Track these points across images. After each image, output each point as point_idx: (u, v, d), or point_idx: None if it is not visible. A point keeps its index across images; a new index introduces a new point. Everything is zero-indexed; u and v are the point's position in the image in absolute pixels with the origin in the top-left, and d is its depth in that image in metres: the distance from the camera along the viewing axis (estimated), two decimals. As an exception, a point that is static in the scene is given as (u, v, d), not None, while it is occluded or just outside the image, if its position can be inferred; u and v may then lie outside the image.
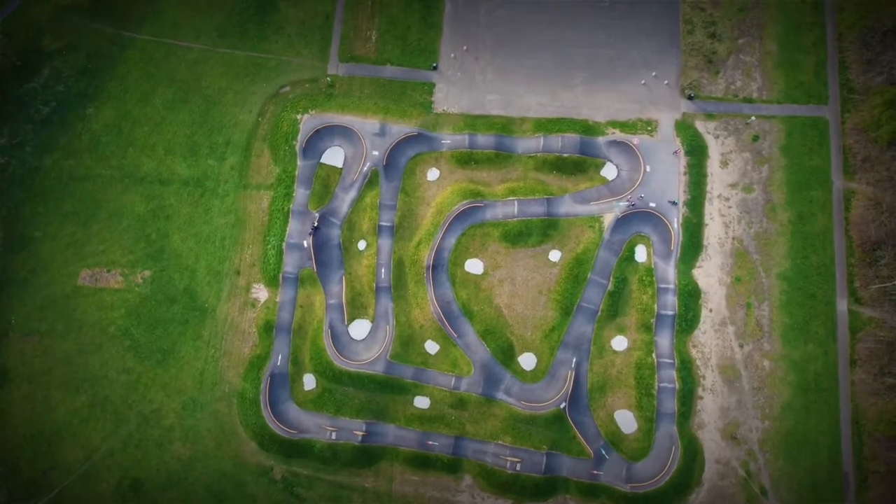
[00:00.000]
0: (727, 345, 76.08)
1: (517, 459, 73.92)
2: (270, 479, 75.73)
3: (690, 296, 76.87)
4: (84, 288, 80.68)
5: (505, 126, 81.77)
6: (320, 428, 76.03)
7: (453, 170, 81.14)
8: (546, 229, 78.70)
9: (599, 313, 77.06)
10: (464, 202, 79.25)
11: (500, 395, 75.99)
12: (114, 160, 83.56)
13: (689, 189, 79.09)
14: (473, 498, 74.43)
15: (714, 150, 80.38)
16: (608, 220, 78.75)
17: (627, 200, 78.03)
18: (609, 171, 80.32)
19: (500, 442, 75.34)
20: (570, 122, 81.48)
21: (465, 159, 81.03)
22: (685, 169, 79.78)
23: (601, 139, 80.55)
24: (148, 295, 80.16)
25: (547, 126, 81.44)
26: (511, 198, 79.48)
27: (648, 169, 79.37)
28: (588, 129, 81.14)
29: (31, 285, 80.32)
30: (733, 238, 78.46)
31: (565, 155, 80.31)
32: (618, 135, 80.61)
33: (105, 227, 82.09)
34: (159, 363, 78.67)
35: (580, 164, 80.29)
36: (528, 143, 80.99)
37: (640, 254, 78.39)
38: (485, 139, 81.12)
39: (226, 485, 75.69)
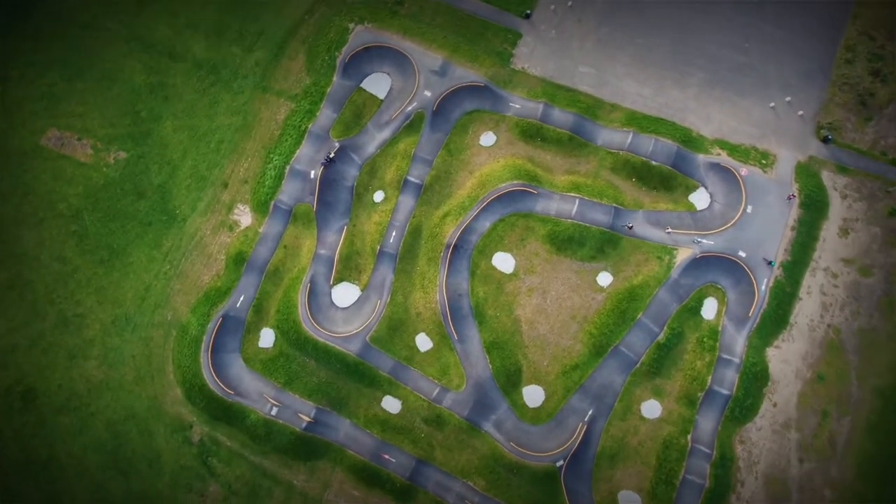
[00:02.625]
0: (784, 453, 56.66)
1: (484, 511, 56.09)
2: (185, 439, 58.55)
3: (756, 379, 57.50)
4: (46, 150, 64.11)
5: (590, 108, 62.87)
6: (262, 397, 58.55)
7: (513, 140, 62.58)
8: (603, 244, 59.85)
9: (638, 365, 58.13)
10: (515, 182, 60.72)
11: (488, 427, 57.68)
12: (125, 16, 66.77)
13: (792, 249, 59.50)
14: (417, 540, 56.51)
15: (836, 211, 60.55)
16: (682, 256, 59.55)
17: (696, 242, 58.89)
18: (700, 199, 61.02)
19: (469, 483, 57.12)
20: (671, 126, 62.28)
21: (532, 132, 62.37)
22: (794, 223, 60.13)
23: (702, 157, 61.22)
24: (115, 180, 63.27)
25: (641, 122, 62.37)
26: (573, 194, 60.72)
27: (750, 210, 59.92)
28: (689, 140, 61.83)
29: (-11, 129, 64.06)
30: (829, 325, 58.75)
31: (653, 163, 61.21)
32: (723, 158, 61.15)
33: (92, 88, 65.31)
34: (102, 262, 61.81)
35: (667, 179, 61.13)
36: (613, 136, 62.03)
37: (709, 309, 59.13)
38: (562, 116, 62.33)
39: (131, 428, 58.75)
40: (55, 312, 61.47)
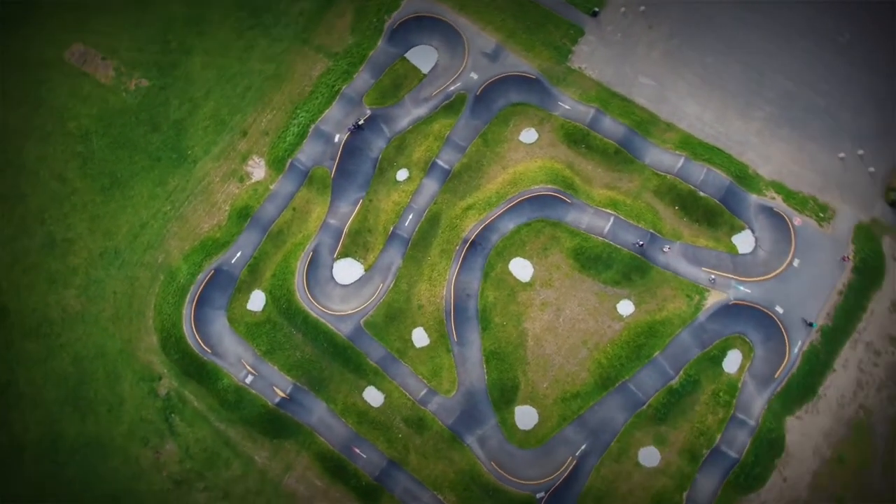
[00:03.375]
0: (786, 533, 50.97)
1: (450, 531, 51.24)
2: (152, 390, 54.33)
3: (770, 447, 51.88)
4: (67, 64, 60.42)
5: (644, 123, 57.37)
6: (239, 362, 54.10)
7: (555, 142, 57.31)
8: (631, 270, 54.45)
9: (644, 407, 52.74)
10: (549, 186, 55.50)
11: (471, 441, 52.66)
12: (177, -62, 62.34)
13: (836, 315, 53.64)
14: (373, 546, 51.82)
15: (892, 283, 54.48)
16: (713, 299, 53.97)
17: (732, 287, 53.28)
18: (744, 241, 55.35)
19: (440, 496, 52.19)
20: (727, 158, 56.65)
21: (577, 137, 57.06)
22: (843, 288, 54.22)
23: (754, 198, 55.52)
24: (132, 107, 59.22)
25: (695, 148, 56.77)
26: (609, 210, 55.34)
27: (797, 263, 54.12)
28: (744, 177, 56.16)
29: (15, 35, 60.25)
30: (861, 405, 52.87)
31: (701, 194, 55.62)
32: (778, 203, 55.38)
33: (127, 8, 61.25)
34: (103, 190, 57.81)
35: (713, 214, 55.49)
36: (662, 158, 56.49)
37: (732, 361, 53.53)
38: (612, 125, 56.93)
39: (98, 368, 54.67)
40: (44, 233, 57.61)
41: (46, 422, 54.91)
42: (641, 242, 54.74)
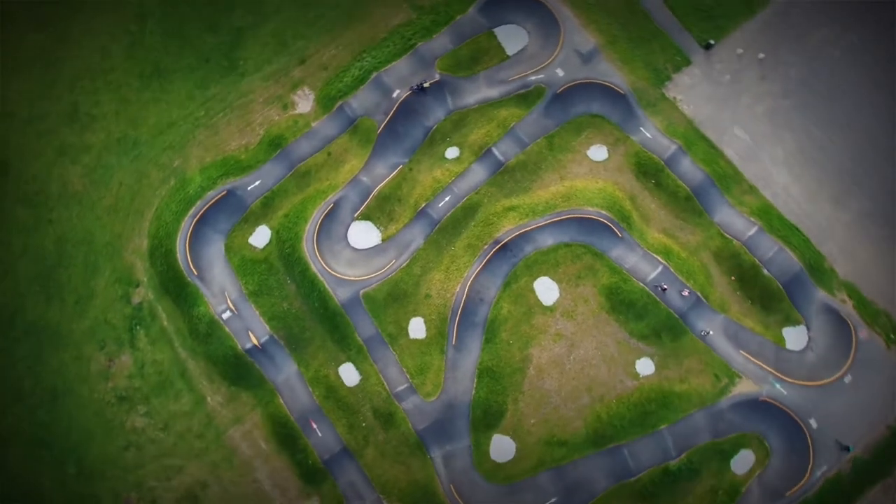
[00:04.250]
0: None
1: (385, 542, 45.92)
2: (126, 295, 50.09)
3: (757, 568, 45.06)
4: (148, -64, 55.90)
5: (725, 177, 51.03)
6: (222, 294, 49.36)
7: (624, 168, 51.22)
8: (663, 329, 48.24)
9: (633, 480, 46.53)
10: (603, 212, 49.52)
11: (436, 455, 47.15)
12: None
13: (876, 451, 47.10)
14: (299, 532, 46.71)
15: (947, 433, 47.18)
16: (742, 387, 47.68)
17: (768, 382, 46.79)
18: (796, 338, 48.77)
19: (385, 501, 46.61)
20: (804, 241, 50.15)
21: (650, 170, 50.89)
22: (895, 424, 47.01)
23: (822, 294, 48.79)
24: (199, 1, 54.55)
25: (773, 221, 50.36)
26: (660, 258, 49.14)
27: (848, 380, 47.26)
28: (818, 269, 49.53)
29: None
30: (872, 555, 45.62)
31: (765, 271, 49.12)
32: (847, 308, 48.61)
33: None
34: (142, 76, 53.81)
35: (770, 297, 49.00)
36: (734, 220, 50.10)
37: (743, 462, 47.18)
38: (691, 169, 50.63)
39: (79, 254, 50.76)
40: (70, 101, 53.69)
41: (11, 293, 50.96)
42: (665, 287, 48.35)
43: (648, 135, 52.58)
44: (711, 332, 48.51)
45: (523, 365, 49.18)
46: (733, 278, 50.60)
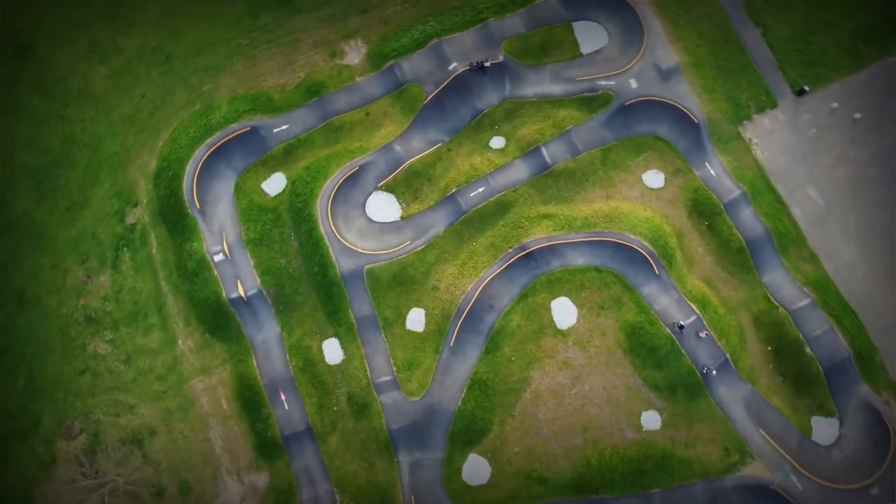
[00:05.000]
0: None
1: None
2: (120, 212, 46.63)
3: None
4: None
5: (786, 236, 45.80)
6: (220, 234, 45.51)
7: (678, 202, 46.19)
8: (681, 385, 43.29)
9: (611, 541, 41.35)
10: (646, 244, 44.61)
11: (403, 460, 42.68)
12: None
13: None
14: (240, 505, 42.56)
15: (971, 575, 41.22)
16: (754, 468, 42.59)
17: (785, 473, 41.50)
18: (825, 430, 43.67)
19: (337, 495, 42.26)
20: (859, 328, 44.91)
21: (706, 211, 45.83)
22: (912, 549, 41.36)
23: (865, 389, 43.70)
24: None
25: (829, 297, 45.30)
26: (695, 307, 43.99)
27: (876, 491, 41.77)
28: (868, 361, 44.66)
29: None
30: None
31: (807, 350, 44.11)
32: (891, 412, 43.04)
33: None
34: (191, -10, 49.62)
35: (807, 380, 44.07)
36: (785, 286, 44.96)
37: (736, 550, 41.51)
38: (751, 220, 45.54)
39: (83, 158, 47.54)
40: (103, 6, 49.81)
41: (3, 182, 47.36)
42: (683, 324, 43.19)
43: (713, 172, 47.37)
44: (715, 372, 43.33)
45: (520, 386, 44.40)
46: (770, 348, 45.23)
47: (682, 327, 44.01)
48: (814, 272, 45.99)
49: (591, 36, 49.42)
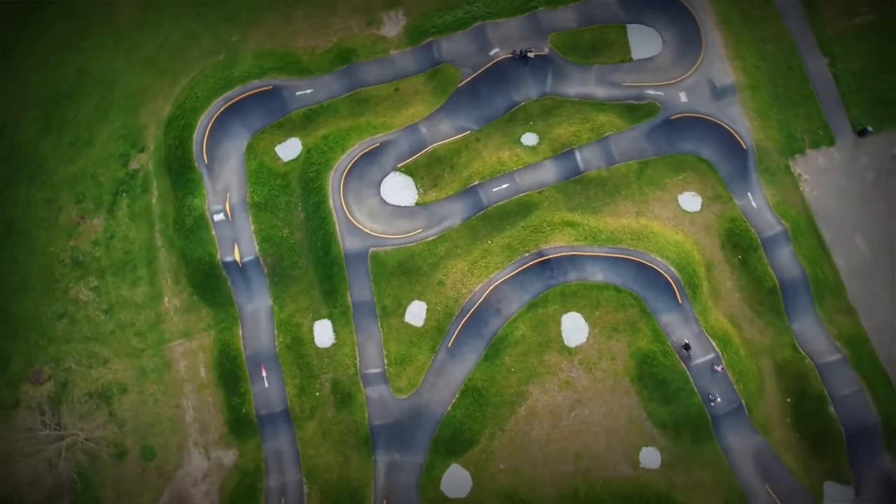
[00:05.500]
0: None
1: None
2: (124, 156, 44.24)
3: None
4: None
5: (824, 284, 42.55)
6: (223, 194, 43.21)
7: (712, 231, 42.89)
8: (688, 427, 40.48)
9: (588, 581, 38.06)
10: (672, 269, 41.53)
11: (381, 459, 39.91)
12: None
13: None
14: (209, 490, 39.74)
15: None
16: (754, 528, 38.55)
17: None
18: (838, 497, 40.07)
19: (305, 486, 39.43)
20: (890, 394, 41.50)
21: (741, 244, 42.73)
22: None
23: (887, 462, 40.00)
24: None
25: (863, 358, 42.31)
26: (715, 344, 40.61)
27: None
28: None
29: None
30: None
31: (831, 409, 41.07)
32: (910, 486, 39.03)
33: None
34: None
35: (827, 442, 41.50)
36: (817, 338, 42.11)
37: None
38: (789, 262, 42.40)
39: (94, 94, 45.52)
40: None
41: (10, 105, 45.12)
42: (689, 345, 39.91)
43: (754, 204, 43.88)
44: (720, 399, 39.96)
45: (516, 400, 41.27)
46: (789, 400, 41.72)
47: (688, 348, 40.65)
48: (850, 327, 42.34)
49: (644, 41, 46.09)
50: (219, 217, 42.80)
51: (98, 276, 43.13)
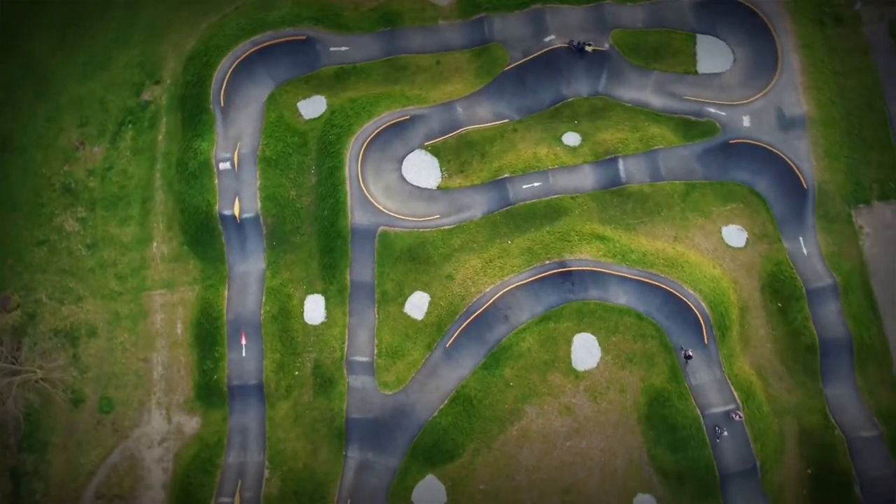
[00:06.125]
0: None
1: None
2: (138, 85, 41.54)
3: None
4: None
5: (869, 350, 38.78)
6: (235, 141, 40.29)
7: (755, 271, 39.50)
8: (693, 479, 37.05)
9: None
10: (704, 306, 37.67)
11: (352, 457, 36.76)
12: None
13: None
14: (163, 456, 36.23)
15: None
16: None
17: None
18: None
19: (267, 469, 36.11)
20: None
21: (784, 292, 39.24)
22: None
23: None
24: None
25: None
26: (737, 395, 36.78)
27: None
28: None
29: None
30: None
31: (856, 490, 36.10)
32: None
33: None
34: None
35: (843, 522, 35.40)
36: (851, 407, 38.54)
37: None
38: (835, 321, 38.65)
39: (115, 18, 43.11)
40: None
41: (26, 14, 42.05)
42: (690, 354, 35.69)
43: (805, 250, 39.62)
44: (726, 434, 35.84)
45: (509, 417, 37.47)
46: (810, 471, 37.41)
47: (689, 357, 36.49)
48: (891, 402, 37.91)
49: (714, 54, 41.99)
50: (224, 166, 39.43)
51: (87, 208, 40.00)
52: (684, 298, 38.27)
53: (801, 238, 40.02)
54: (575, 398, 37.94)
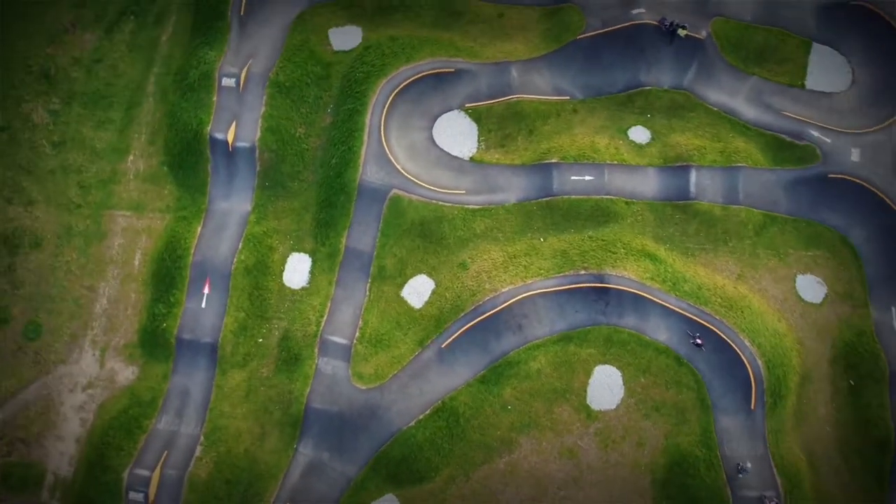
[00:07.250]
0: None
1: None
2: (158, 68, 34.33)
3: None
4: None
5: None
6: (247, 58, 33.70)
7: (827, 335, 32.76)
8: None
9: None
10: (758, 361, 30.33)
11: (304, 452, 30.93)
12: None
13: None
14: (85, 404, 30.08)
15: None
16: None
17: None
18: None
19: (199, 446, 29.92)
20: None
21: (861, 368, 33.05)
22: None
23: None
24: None
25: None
26: (779, 478, 29.13)
27: None
28: None
29: None
30: None
31: None
32: None
33: None
34: None
35: None
36: None
37: None
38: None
39: None
40: None
41: None
42: (700, 341, 28.76)
43: (895, 324, 32.03)
44: (749, 465, 28.88)
45: (499, 447, 30.77)
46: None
47: (699, 345, 29.39)
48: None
49: (829, 69, 34.77)
50: (228, 82, 33.23)
51: (64, 101, 34.14)
52: (738, 350, 31.17)
53: (893, 308, 32.57)
54: (582, 440, 31.06)
